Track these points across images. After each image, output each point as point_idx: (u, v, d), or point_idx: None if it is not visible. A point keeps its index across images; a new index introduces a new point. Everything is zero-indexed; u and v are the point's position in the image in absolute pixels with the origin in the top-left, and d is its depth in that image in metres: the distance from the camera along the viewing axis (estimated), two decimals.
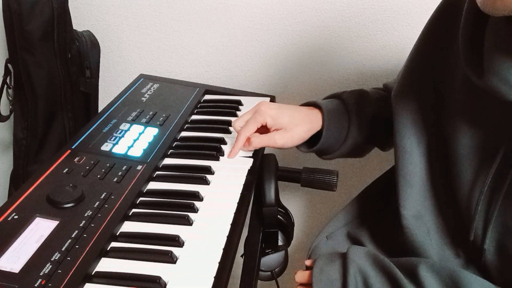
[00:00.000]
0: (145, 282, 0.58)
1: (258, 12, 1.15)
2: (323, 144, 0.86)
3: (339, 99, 0.89)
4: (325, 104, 0.86)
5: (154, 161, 0.80)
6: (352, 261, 0.70)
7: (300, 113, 0.86)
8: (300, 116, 0.85)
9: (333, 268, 0.71)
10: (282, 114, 0.84)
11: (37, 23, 1.05)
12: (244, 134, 0.84)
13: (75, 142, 0.83)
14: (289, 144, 0.85)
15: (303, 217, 1.37)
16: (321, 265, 0.72)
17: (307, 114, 0.86)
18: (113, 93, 1.11)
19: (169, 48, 1.23)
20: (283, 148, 0.85)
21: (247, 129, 0.84)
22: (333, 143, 0.87)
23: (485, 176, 0.64)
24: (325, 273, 0.71)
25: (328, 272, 0.71)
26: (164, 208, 0.72)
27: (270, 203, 0.82)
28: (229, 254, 0.65)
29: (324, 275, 0.70)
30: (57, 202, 0.67)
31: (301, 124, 0.84)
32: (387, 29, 1.12)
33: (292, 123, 0.84)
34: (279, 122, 0.83)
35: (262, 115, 0.83)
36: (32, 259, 0.58)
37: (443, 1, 0.73)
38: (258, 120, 0.83)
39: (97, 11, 1.21)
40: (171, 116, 0.95)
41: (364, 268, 0.69)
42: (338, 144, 0.87)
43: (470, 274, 0.64)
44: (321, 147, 0.86)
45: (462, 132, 0.67)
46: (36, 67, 1.08)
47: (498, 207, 0.63)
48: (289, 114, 0.85)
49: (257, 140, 0.84)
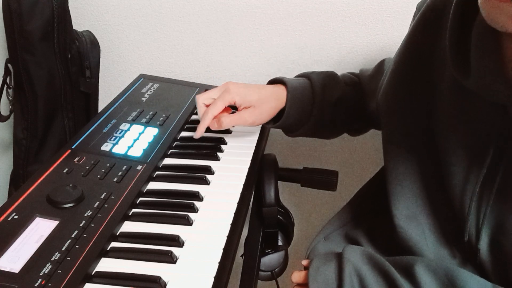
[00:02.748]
0: (145, 282, 0.58)
1: (258, 12, 1.15)
2: (286, 120, 0.88)
3: (307, 78, 0.91)
4: (290, 82, 0.89)
5: (154, 161, 0.81)
6: (347, 261, 0.70)
7: (267, 90, 0.88)
8: (267, 94, 0.87)
9: (329, 268, 0.71)
10: (250, 92, 0.86)
11: (37, 23, 1.05)
12: (212, 112, 0.85)
13: (75, 142, 0.83)
14: (258, 121, 0.87)
15: (303, 217, 1.37)
16: (317, 265, 0.72)
17: (273, 92, 0.88)
18: (113, 93, 1.11)
19: (169, 48, 1.23)
20: (253, 125, 0.88)
21: (215, 107, 0.85)
22: (295, 120, 0.89)
23: (477, 175, 0.64)
24: (321, 273, 0.71)
25: (324, 272, 0.71)
26: (164, 208, 0.72)
27: (270, 203, 0.82)
28: (229, 254, 0.65)
29: (320, 275, 0.71)
30: (57, 202, 0.67)
31: (268, 101, 0.86)
32: (387, 29, 1.12)
33: (259, 101, 0.86)
34: (247, 100, 0.85)
35: (230, 93, 0.85)
36: (32, 259, 0.58)
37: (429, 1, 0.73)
38: (226, 98, 0.84)
39: (97, 11, 1.21)
40: (171, 116, 0.95)
41: (360, 267, 0.69)
42: (301, 123, 0.89)
43: (466, 272, 0.64)
44: (283, 124, 0.89)
45: (452, 132, 0.67)
46: (36, 67, 1.08)
47: (490, 206, 0.63)
48: (257, 92, 0.86)
49: (227, 120, 0.85)
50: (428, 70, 0.72)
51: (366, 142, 1.24)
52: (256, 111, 0.85)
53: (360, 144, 1.25)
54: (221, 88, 0.87)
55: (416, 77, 0.74)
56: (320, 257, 0.74)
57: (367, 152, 1.26)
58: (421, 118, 0.72)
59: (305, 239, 1.35)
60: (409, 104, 0.74)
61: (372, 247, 0.81)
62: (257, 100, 0.85)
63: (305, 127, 0.90)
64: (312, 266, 0.72)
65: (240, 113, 0.86)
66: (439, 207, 0.72)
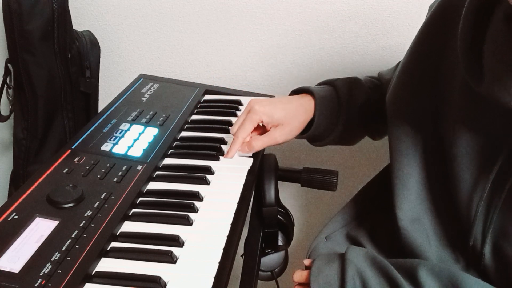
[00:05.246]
0: (145, 282, 0.58)
1: (258, 12, 1.15)
2: (315, 131, 0.86)
3: (331, 86, 0.89)
4: (316, 91, 0.87)
5: (154, 161, 0.80)
6: (350, 262, 0.69)
7: (293, 104, 0.85)
8: (294, 108, 0.85)
9: (331, 269, 0.71)
10: (276, 110, 0.83)
11: (37, 23, 1.05)
12: (241, 135, 0.83)
13: (75, 142, 0.83)
14: (289, 139, 0.85)
15: (303, 217, 1.37)
16: (320, 265, 0.72)
17: (300, 104, 0.86)
18: (113, 93, 1.11)
19: (169, 48, 1.23)
20: (284, 143, 0.86)
21: (243, 129, 0.83)
22: (324, 129, 0.87)
23: (485, 181, 0.63)
24: (323, 274, 0.70)
25: (326, 272, 0.70)
26: (164, 208, 0.72)
27: (270, 203, 0.82)
28: (229, 254, 0.65)
29: (322, 276, 0.70)
30: (57, 202, 0.67)
31: (297, 116, 0.84)
32: (387, 29, 1.12)
33: (287, 117, 0.83)
34: (275, 118, 0.83)
35: (257, 114, 0.83)
36: (32, 259, 0.58)
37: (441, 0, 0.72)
38: (253, 119, 0.83)
39: (97, 11, 1.21)
40: (171, 116, 0.95)
41: (363, 269, 0.68)
42: (329, 131, 0.88)
43: (471, 277, 0.63)
44: (312, 134, 0.87)
45: (461, 137, 0.66)
46: (36, 67, 1.08)
47: (497, 212, 0.63)
48: (282, 108, 0.84)
49: (259, 143, 0.83)
50: (437, 73, 0.71)
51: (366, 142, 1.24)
52: (286, 129, 0.83)
53: (360, 144, 1.25)
54: (246, 110, 0.84)
55: (424, 79, 0.73)
56: (323, 258, 0.74)
57: (367, 152, 1.26)
58: (428, 121, 0.72)
59: (305, 239, 1.35)
60: (416, 106, 0.73)
61: (374, 248, 0.80)
62: (284, 117, 0.83)
63: (333, 134, 0.88)
64: (314, 266, 0.72)
65: (270, 133, 0.83)
66: (444, 210, 0.71)
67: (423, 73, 0.73)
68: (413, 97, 0.74)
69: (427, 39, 0.73)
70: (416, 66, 0.75)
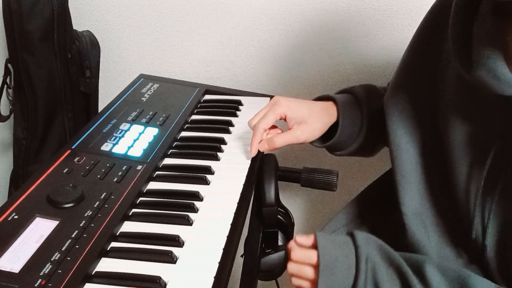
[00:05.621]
0: (145, 282, 0.58)
1: (258, 12, 1.15)
2: (340, 137, 0.84)
3: (349, 93, 0.88)
4: (337, 97, 0.86)
5: (154, 161, 0.80)
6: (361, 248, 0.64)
7: (317, 105, 0.84)
8: (318, 109, 0.84)
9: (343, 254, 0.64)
10: (301, 106, 0.82)
11: (37, 23, 1.05)
12: (262, 126, 0.81)
13: (75, 142, 0.83)
14: (311, 138, 0.83)
15: (303, 217, 1.37)
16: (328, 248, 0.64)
17: (322, 107, 0.84)
18: (113, 93, 1.11)
19: (169, 48, 1.23)
20: (306, 142, 0.84)
21: (265, 120, 0.81)
22: (348, 135, 0.86)
23: (481, 171, 0.64)
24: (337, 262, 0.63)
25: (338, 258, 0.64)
26: (164, 208, 0.72)
27: (270, 203, 0.82)
28: (229, 254, 0.65)
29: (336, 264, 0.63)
30: (57, 202, 0.67)
31: (320, 116, 0.83)
32: (387, 29, 1.12)
33: (311, 116, 0.82)
34: (299, 114, 0.81)
35: (281, 106, 0.81)
36: (32, 259, 0.58)
37: (437, 0, 0.73)
38: (277, 111, 0.81)
39: (97, 11, 1.21)
40: (171, 116, 0.95)
41: (374, 258, 0.64)
42: (352, 137, 0.86)
43: (477, 276, 0.62)
44: (337, 140, 0.85)
45: (455, 129, 0.67)
46: (36, 67, 1.08)
47: (495, 203, 0.63)
48: (308, 106, 0.83)
49: (281, 140, 0.81)
50: (434, 69, 0.72)
51: None
52: (309, 128, 0.81)
53: None
54: (270, 103, 0.83)
55: (422, 76, 0.73)
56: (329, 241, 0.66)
57: None
58: (426, 117, 0.72)
59: None
60: (414, 103, 0.74)
61: None
62: (309, 115, 0.82)
63: (356, 142, 0.87)
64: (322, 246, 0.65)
65: (292, 131, 0.82)
66: (444, 205, 0.72)
67: (421, 70, 0.74)
68: (412, 94, 0.74)
69: (425, 37, 0.74)
70: (413, 64, 0.75)
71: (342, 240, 0.66)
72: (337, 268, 0.63)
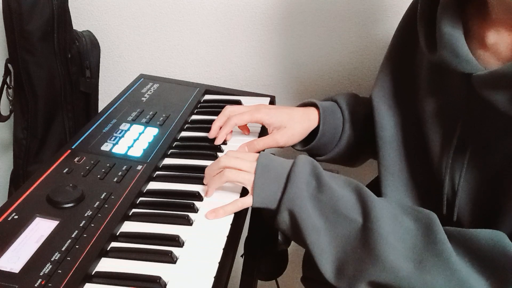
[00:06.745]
0: (145, 282, 0.58)
1: (258, 12, 1.15)
2: (319, 140, 0.87)
3: (331, 100, 0.92)
4: (319, 102, 0.89)
5: (154, 161, 0.81)
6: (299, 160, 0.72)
7: (298, 111, 0.88)
8: (298, 114, 0.87)
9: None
10: (280, 112, 0.86)
11: (37, 23, 1.05)
12: (234, 121, 0.86)
13: (75, 142, 0.83)
14: (290, 142, 0.86)
15: None
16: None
17: (304, 112, 0.88)
18: (113, 93, 1.11)
19: (169, 48, 1.23)
20: (285, 146, 0.87)
21: (239, 117, 0.86)
22: (328, 140, 0.89)
23: (451, 140, 0.68)
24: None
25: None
26: (164, 208, 0.72)
27: None
28: (229, 254, 0.65)
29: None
30: (57, 202, 0.67)
31: (300, 121, 0.86)
32: (387, 29, 1.12)
33: (290, 121, 0.86)
34: (277, 120, 0.85)
35: (260, 112, 0.85)
36: (32, 259, 0.59)
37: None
38: (254, 115, 0.85)
39: (97, 11, 1.21)
40: (171, 116, 0.95)
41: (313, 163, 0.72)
42: (333, 143, 0.89)
43: (374, 196, 0.67)
44: (316, 144, 0.88)
45: (428, 110, 0.71)
46: (36, 67, 1.08)
47: (463, 175, 0.67)
48: (287, 112, 0.87)
49: (260, 143, 0.85)
50: (413, 59, 0.76)
51: None
52: (288, 132, 0.85)
53: None
54: (252, 106, 0.88)
55: (403, 68, 0.78)
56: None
57: None
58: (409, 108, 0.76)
59: None
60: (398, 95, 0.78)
61: None
62: (288, 120, 0.85)
63: (336, 148, 0.89)
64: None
65: (272, 135, 0.86)
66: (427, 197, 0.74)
67: (402, 64, 0.78)
68: (395, 88, 0.78)
69: (406, 28, 0.79)
70: (396, 57, 0.79)
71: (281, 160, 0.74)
72: (274, 163, 0.72)
